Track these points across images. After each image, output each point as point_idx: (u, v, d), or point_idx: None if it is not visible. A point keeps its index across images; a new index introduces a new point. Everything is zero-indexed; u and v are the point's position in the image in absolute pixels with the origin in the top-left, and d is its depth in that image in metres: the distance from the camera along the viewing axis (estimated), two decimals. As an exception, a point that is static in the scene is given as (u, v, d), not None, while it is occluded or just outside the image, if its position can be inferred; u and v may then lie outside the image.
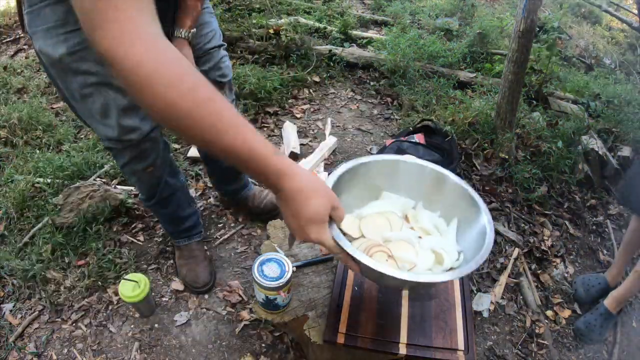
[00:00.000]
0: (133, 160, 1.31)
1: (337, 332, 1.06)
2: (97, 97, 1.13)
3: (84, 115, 1.23)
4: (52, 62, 1.07)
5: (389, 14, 4.01)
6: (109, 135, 1.21)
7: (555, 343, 1.70)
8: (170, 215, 1.59)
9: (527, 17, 2.03)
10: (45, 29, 1.03)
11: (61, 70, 1.09)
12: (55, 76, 1.13)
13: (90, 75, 1.09)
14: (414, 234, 1.00)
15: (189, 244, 1.70)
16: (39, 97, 2.63)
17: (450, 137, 2.28)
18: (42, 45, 1.05)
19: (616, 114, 2.67)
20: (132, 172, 1.36)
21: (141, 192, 1.49)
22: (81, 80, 1.10)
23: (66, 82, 1.12)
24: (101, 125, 1.20)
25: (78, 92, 1.13)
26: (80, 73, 1.08)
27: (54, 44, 1.04)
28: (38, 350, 1.49)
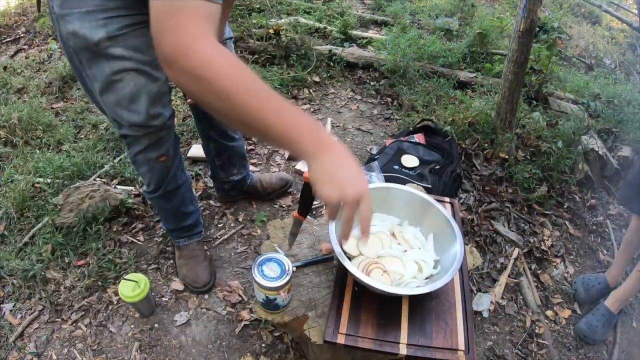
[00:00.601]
0: (149, 148, 1.34)
1: (337, 332, 1.06)
2: (128, 82, 1.17)
3: (107, 102, 1.22)
4: (86, 45, 1.09)
5: (389, 14, 4.01)
6: (134, 120, 1.24)
7: (555, 343, 1.70)
8: (174, 210, 1.59)
9: (527, 17, 2.03)
10: (84, 12, 1.05)
11: (94, 54, 1.11)
12: (85, 60, 1.14)
13: (125, 60, 1.13)
14: (400, 248, 1.22)
15: (190, 243, 1.70)
16: (39, 97, 2.63)
17: (450, 137, 2.28)
18: (77, 27, 1.07)
19: (616, 114, 2.67)
20: (146, 160, 1.38)
21: (149, 182, 1.49)
22: (114, 65, 1.13)
23: (97, 67, 1.14)
24: (126, 111, 1.22)
25: (108, 77, 1.15)
26: (114, 58, 1.12)
27: (92, 27, 1.07)
28: (38, 350, 1.49)
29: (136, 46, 1.13)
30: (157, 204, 1.59)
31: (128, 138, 1.32)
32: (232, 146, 1.78)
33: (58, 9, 1.06)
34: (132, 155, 1.38)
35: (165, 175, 1.46)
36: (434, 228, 1.26)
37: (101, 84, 1.18)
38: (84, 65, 1.16)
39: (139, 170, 1.45)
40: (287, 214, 2.04)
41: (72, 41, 1.10)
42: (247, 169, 1.95)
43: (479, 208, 2.13)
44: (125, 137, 1.33)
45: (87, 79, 1.20)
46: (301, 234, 1.34)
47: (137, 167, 1.44)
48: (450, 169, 2.06)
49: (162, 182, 1.47)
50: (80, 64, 1.16)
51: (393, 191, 1.30)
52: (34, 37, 3.35)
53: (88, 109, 2.61)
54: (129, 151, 1.38)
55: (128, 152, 1.39)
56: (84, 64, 1.15)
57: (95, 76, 1.16)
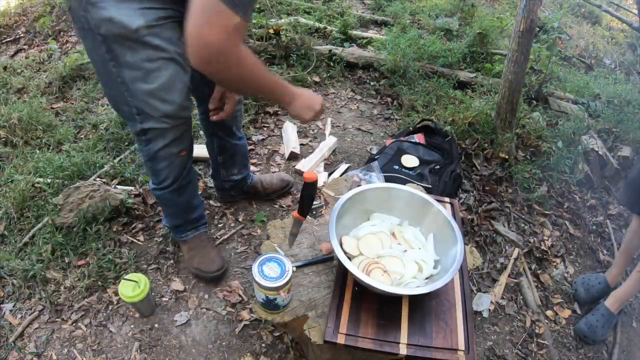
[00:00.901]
0: (173, 142, 1.36)
1: (337, 332, 1.06)
2: (164, 71, 1.20)
3: (139, 92, 1.22)
4: (124, 33, 1.10)
5: (389, 14, 4.01)
6: (167, 111, 1.26)
7: (555, 343, 1.70)
8: (185, 203, 1.61)
9: (527, 17, 2.03)
10: (120, 0, 1.08)
11: (132, 42, 1.13)
12: (118, 48, 1.14)
13: (161, 50, 1.17)
14: (400, 248, 1.22)
15: (197, 234, 1.71)
16: (39, 97, 2.63)
17: (450, 137, 2.28)
18: (114, 13, 1.08)
19: (616, 114, 2.67)
20: (168, 155, 1.40)
21: (166, 178, 1.49)
22: (152, 53, 1.16)
23: (133, 55, 1.15)
24: (159, 102, 1.24)
25: (145, 65, 1.17)
26: (152, 47, 1.15)
27: (130, 15, 1.09)
28: (38, 350, 1.49)
29: (170, 38, 1.18)
30: (169, 200, 1.58)
31: (151, 133, 1.32)
32: (236, 144, 1.78)
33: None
34: (154, 152, 1.38)
35: (182, 169, 1.49)
36: (434, 228, 1.26)
37: (137, 72, 1.18)
38: (115, 54, 1.15)
39: (158, 166, 1.44)
40: (287, 214, 2.04)
41: (105, 28, 1.10)
42: (248, 169, 1.95)
43: (479, 208, 2.13)
44: (146, 133, 1.32)
45: (114, 68, 1.18)
46: (301, 234, 1.35)
47: (156, 164, 1.43)
48: (450, 169, 2.06)
49: (179, 176, 1.50)
50: (109, 52, 1.15)
51: (393, 191, 1.31)
52: (34, 37, 3.35)
53: (88, 109, 2.61)
54: (147, 147, 1.37)
55: (146, 149, 1.38)
56: (115, 52, 1.15)
57: (131, 64, 1.16)
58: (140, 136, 1.35)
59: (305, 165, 2.26)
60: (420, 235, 1.28)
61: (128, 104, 1.27)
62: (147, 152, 1.40)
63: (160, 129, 1.31)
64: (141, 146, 1.40)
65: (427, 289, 1.04)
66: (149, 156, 1.41)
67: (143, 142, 1.37)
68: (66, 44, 3.28)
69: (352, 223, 1.28)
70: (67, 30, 3.41)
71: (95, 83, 2.81)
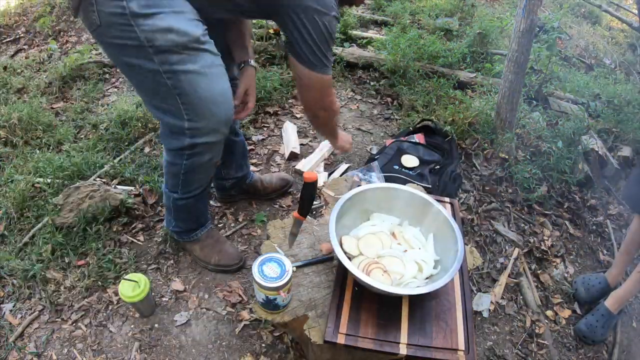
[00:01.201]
0: (217, 155, 1.40)
1: (337, 332, 1.06)
2: (223, 77, 1.25)
3: (200, 98, 1.21)
4: (185, 41, 1.13)
5: (389, 14, 4.01)
6: (228, 114, 1.29)
7: (555, 343, 1.70)
8: (203, 206, 1.63)
9: (527, 17, 2.03)
10: (176, 11, 1.11)
11: (191, 50, 1.15)
12: (176, 57, 1.15)
13: (217, 56, 1.23)
14: (401, 248, 1.22)
15: (207, 230, 1.71)
16: (39, 97, 2.63)
17: (450, 137, 2.28)
18: (173, 23, 1.10)
19: (616, 114, 2.67)
20: (209, 167, 1.43)
21: (198, 187, 1.50)
22: (213, 59, 1.22)
23: (193, 63, 1.17)
24: (220, 107, 1.26)
25: (207, 71, 1.19)
26: (211, 53, 1.21)
27: (188, 24, 1.13)
28: (38, 350, 1.49)
29: (215, 45, 1.25)
30: (191, 206, 1.57)
31: (200, 147, 1.31)
32: (234, 141, 1.79)
33: (139, 8, 1.07)
34: (198, 165, 1.38)
35: (211, 176, 1.52)
36: (434, 228, 1.26)
37: (200, 79, 1.19)
38: (171, 65, 1.15)
39: (194, 177, 1.44)
40: (287, 214, 2.04)
41: (163, 38, 1.10)
42: (247, 167, 1.96)
43: (479, 208, 2.13)
44: (195, 147, 1.31)
45: (169, 80, 1.17)
46: (301, 234, 1.35)
47: (193, 175, 1.43)
48: (450, 169, 2.06)
49: (209, 182, 1.53)
50: (162, 64, 1.14)
51: (393, 191, 1.31)
52: (34, 37, 3.35)
53: (88, 109, 2.62)
54: (190, 161, 1.36)
55: (188, 162, 1.36)
56: (171, 63, 1.14)
57: (192, 72, 1.17)
58: (184, 151, 1.33)
59: (305, 165, 2.26)
60: (420, 235, 1.28)
61: (181, 117, 1.25)
62: (189, 166, 1.38)
63: (213, 142, 1.32)
64: (180, 159, 1.37)
65: (427, 289, 1.04)
66: (189, 169, 1.39)
67: (186, 156, 1.35)
68: (66, 44, 3.28)
69: (352, 223, 1.28)
70: (67, 30, 3.41)
71: (95, 83, 2.81)
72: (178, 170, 1.42)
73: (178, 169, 1.41)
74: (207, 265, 1.75)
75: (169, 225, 1.69)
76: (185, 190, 1.50)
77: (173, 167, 1.42)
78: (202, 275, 1.75)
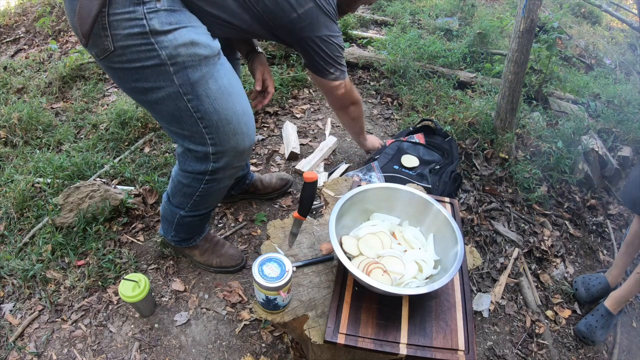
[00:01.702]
0: (232, 179, 1.41)
1: (337, 332, 1.06)
2: (243, 96, 1.24)
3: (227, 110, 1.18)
4: (208, 54, 1.13)
5: (389, 14, 4.01)
6: (252, 137, 1.28)
7: (555, 343, 1.70)
8: (207, 218, 1.61)
9: (527, 17, 2.03)
10: (194, 26, 1.11)
11: (212, 65, 1.15)
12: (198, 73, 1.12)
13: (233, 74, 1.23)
14: (401, 248, 1.22)
15: (204, 235, 1.70)
16: (39, 97, 2.63)
17: (450, 137, 2.28)
18: (194, 37, 1.09)
19: (616, 114, 2.67)
20: (225, 188, 1.43)
21: (210, 205, 1.49)
22: (229, 74, 1.20)
23: (217, 78, 1.16)
24: (246, 128, 1.25)
25: (226, 89, 1.18)
26: (228, 68, 1.21)
27: (209, 39, 1.14)
28: (38, 350, 1.49)
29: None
30: (198, 222, 1.56)
31: (222, 172, 1.30)
32: None
33: (161, 25, 1.04)
34: (217, 190, 1.37)
35: (223, 195, 1.50)
36: (434, 228, 1.26)
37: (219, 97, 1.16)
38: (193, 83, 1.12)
39: (208, 199, 1.42)
40: (287, 214, 2.04)
41: (186, 52, 1.08)
42: (248, 167, 1.96)
43: (479, 208, 2.13)
44: (217, 172, 1.29)
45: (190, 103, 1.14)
46: (301, 234, 1.35)
47: (208, 198, 1.41)
48: (450, 169, 2.06)
49: (217, 204, 1.53)
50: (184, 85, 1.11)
51: (393, 191, 1.31)
52: (34, 37, 3.35)
53: (88, 109, 2.62)
54: (209, 186, 1.34)
55: (206, 187, 1.34)
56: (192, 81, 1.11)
57: (213, 90, 1.15)
58: (205, 175, 1.30)
59: (305, 165, 2.26)
60: (420, 235, 1.28)
61: (204, 142, 1.21)
62: (206, 190, 1.36)
63: (235, 167, 1.31)
64: (198, 183, 1.33)
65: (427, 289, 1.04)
66: (205, 193, 1.37)
67: (205, 181, 1.32)
68: (66, 44, 3.28)
69: (352, 223, 1.28)
70: (67, 30, 3.41)
71: (95, 83, 2.81)
72: (193, 192, 1.38)
73: (193, 191, 1.37)
74: (208, 269, 1.75)
75: (167, 235, 1.64)
76: (194, 209, 1.46)
77: (188, 188, 1.37)
78: (202, 275, 1.75)
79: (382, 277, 1.12)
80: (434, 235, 1.26)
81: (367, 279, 1.03)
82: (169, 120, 1.21)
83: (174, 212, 1.50)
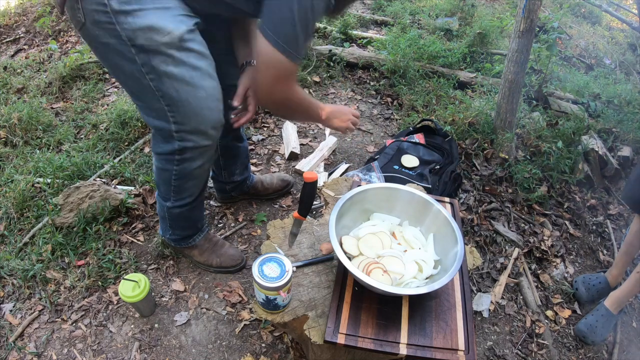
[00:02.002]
0: (209, 160, 1.37)
1: (337, 332, 1.06)
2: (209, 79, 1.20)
3: (184, 103, 1.17)
4: (168, 41, 1.08)
5: (389, 14, 4.01)
6: (214, 117, 1.24)
7: (555, 343, 1.70)
8: (200, 213, 1.60)
9: (527, 17, 2.03)
10: (160, 8, 1.07)
11: (175, 50, 1.11)
12: (158, 58, 1.10)
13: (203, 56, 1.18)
14: (401, 248, 1.22)
15: (205, 234, 1.71)
16: (39, 97, 2.63)
17: (450, 137, 2.28)
18: (155, 21, 1.06)
19: (616, 114, 2.67)
20: (201, 173, 1.39)
21: (190, 194, 1.46)
22: (196, 60, 1.16)
23: (176, 64, 1.12)
24: (207, 110, 1.21)
25: (190, 72, 1.15)
26: (195, 53, 1.15)
27: (173, 21, 1.09)
28: (38, 350, 1.49)
29: (203, 43, 1.19)
30: (185, 216, 1.54)
31: (190, 152, 1.27)
32: (239, 147, 1.79)
33: (119, 5, 1.03)
34: (189, 171, 1.34)
35: (205, 182, 1.48)
36: (434, 228, 1.26)
37: (182, 82, 1.15)
38: (153, 66, 1.11)
39: (187, 184, 1.40)
40: (287, 214, 2.04)
41: (144, 37, 1.06)
42: (249, 170, 1.95)
43: (479, 208, 2.13)
44: (184, 152, 1.27)
45: (152, 82, 1.14)
46: (301, 234, 1.35)
47: (185, 182, 1.39)
48: (450, 169, 2.06)
49: (203, 190, 1.48)
50: (145, 65, 1.11)
51: (393, 191, 1.31)
52: (34, 37, 3.35)
53: (88, 109, 2.61)
54: (181, 167, 1.32)
55: (179, 168, 1.32)
56: (153, 64, 1.11)
57: (176, 75, 1.13)
58: (174, 155, 1.29)
59: (305, 165, 2.26)
60: (420, 235, 1.28)
61: (167, 119, 1.21)
62: (180, 172, 1.34)
63: (205, 146, 1.27)
64: (170, 165, 1.33)
65: (427, 289, 1.04)
66: (180, 176, 1.36)
67: (176, 162, 1.31)
68: (66, 44, 3.28)
69: (352, 223, 1.28)
70: (67, 30, 3.41)
71: (95, 83, 2.81)
72: (169, 177, 1.37)
73: (169, 176, 1.37)
74: (208, 269, 1.75)
75: (165, 234, 1.65)
76: (177, 197, 1.45)
77: (164, 173, 1.38)
78: (202, 275, 1.75)
79: (382, 277, 1.12)
80: (434, 235, 1.26)
81: (367, 279, 1.03)
82: (136, 96, 1.24)
83: (162, 205, 1.51)
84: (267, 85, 1.12)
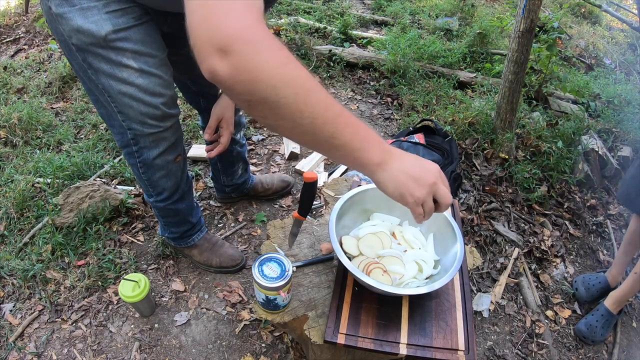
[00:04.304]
0: (168, 149, 1.34)
1: (337, 332, 1.06)
2: (140, 75, 1.17)
3: (123, 97, 1.18)
4: (93, 41, 1.08)
5: (389, 14, 4.01)
6: (156, 113, 1.22)
7: (555, 343, 1.70)
8: (188, 210, 1.59)
9: (527, 17, 2.03)
10: (84, 8, 1.05)
11: (103, 49, 1.10)
12: (91, 57, 1.11)
13: (135, 53, 1.13)
14: (401, 248, 1.21)
15: (204, 234, 1.71)
16: (39, 97, 2.63)
17: (450, 137, 2.28)
18: (80, 22, 1.05)
19: (616, 114, 2.67)
20: (165, 163, 1.37)
21: (164, 189, 1.45)
22: (124, 59, 1.13)
23: (106, 62, 1.12)
24: (143, 105, 1.20)
25: (120, 71, 1.14)
26: (123, 50, 1.11)
27: (97, 21, 1.06)
28: (38, 350, 1.49)
29: (143, 40, 1.14)
30: (172, 210, 1.54)
31: (143, 140, 1.28)
32: (237, 151, 1.78)
33: (56, 8, 1.05)
34: (150, 160, 1.34)
35: (180, 177, 1.46)
36: (434, 228, 1.26)
37: (113, 79, 1.15)
38: (89, 62, 1.13)
39: (154, 176, 1.40)
40: (287, 214, 2.04)
41: (75, 38, 1.08)
42: (248, 172, 1.95)
43: (479, 208, 2.13)
44: (138, 142, 1.28)
45: (93, 76, 1.16)
46: (301, 234, 1.34)
47: (152, 174, 1.39)
48: (450, 169, 2.05)
49: (179, 184, 1.46)
50: (85, 61, 1.13)
51: None
52: (34, 37, 3.35)
53: (88, 109, 2.61)
54: (142, 157, 1.33)
55: (141, 159, 1.34)
56: (89, 61, 1.13)
57: (106, 71, 1.14)
58: (132, 146, 1.31)
59: (305, 165, 2.26)
60: (420, 235, 1.28)
61: (114, 110, 1.24)
62: (143, 162, 1.35)
63: (154, 134, 1.27)
64: (133, 158, 1.35)
65: (427, 289, 1.04)
66: (144, 166, 1.37)
67: (135, 153, 1.33)
68: (66, 44, 3.28)
69: (352, 223, 1.28)
70: (67, 30, 3.40)
71: (95, 83, 2.81)
72: (137, 171, 1.39)
73: (137, 170, 1.39)
74: (208, 269, 1.75)
75: (164, 232, 1.67)
76: (155, 192, 1.46)
77: (133, 168, 1.40)
78: (202, 275, 1.75)
79: (382, 277, 1.11)
80: (434, 235, 1.26)
81: (367, 279, 1.03)
82: (88, 90, 1.26)
83: (148, 202, 1.54)
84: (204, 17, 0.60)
